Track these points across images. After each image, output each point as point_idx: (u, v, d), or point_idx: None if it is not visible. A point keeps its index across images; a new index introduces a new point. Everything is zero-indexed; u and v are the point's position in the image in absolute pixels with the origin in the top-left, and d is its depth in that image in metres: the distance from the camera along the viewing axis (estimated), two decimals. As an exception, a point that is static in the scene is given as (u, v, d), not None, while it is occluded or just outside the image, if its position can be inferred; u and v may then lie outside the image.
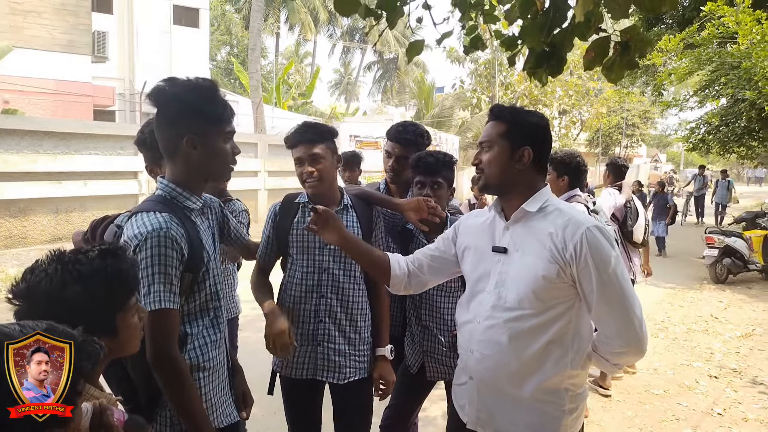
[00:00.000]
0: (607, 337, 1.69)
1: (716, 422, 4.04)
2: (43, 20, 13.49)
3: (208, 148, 1.66)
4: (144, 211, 1.62)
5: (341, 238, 1.96)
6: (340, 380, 2.28)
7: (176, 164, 1.69)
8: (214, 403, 1.76)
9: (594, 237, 1.62)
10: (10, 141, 9.06)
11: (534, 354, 1.67)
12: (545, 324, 1.66)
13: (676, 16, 12.53)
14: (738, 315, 7.05)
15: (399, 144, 2.66)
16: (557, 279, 1.63)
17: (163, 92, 1.63)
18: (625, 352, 1.70)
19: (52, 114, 13.21)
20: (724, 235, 8.86)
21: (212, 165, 1.70)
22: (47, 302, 1.16)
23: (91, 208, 9.95)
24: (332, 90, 48.62)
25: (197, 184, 1.74)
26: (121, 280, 1.27)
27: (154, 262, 1.54)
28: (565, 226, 1.64)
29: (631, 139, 36.71)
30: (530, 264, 1.67)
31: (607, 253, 1.62)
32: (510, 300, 1.69)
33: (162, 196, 1.69)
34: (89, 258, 1.24)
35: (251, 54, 19.27)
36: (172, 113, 1.64)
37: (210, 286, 1.73)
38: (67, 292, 1.18)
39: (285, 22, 36.83)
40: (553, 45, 1.99)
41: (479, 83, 21.31)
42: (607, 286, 1.61)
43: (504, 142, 1.72)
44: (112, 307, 1.26)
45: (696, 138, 12.59)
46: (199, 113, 1.63)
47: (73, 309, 1.17)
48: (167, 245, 1.56)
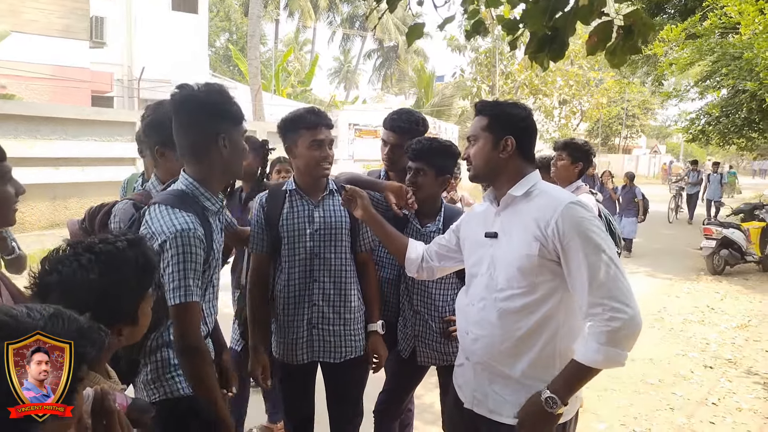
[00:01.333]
0: (593, 306, 1.63)
1: (710, 412, 4.06)
2: (40, 4, 13.36)
3: (233, 145, 1.78)
4: (166, 204, 1.70)
5: (367, 215, 2.19)
6: (337, 359, 2.33)
7: (203, 164, 1.77)
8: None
9: (574, 210, 1.67)
10: (7, 126, 9.01)
11: (524, 334, 1.72)
12: (534, 303, 1.72)
13: (678, 6, 12.47)
14: (734, 306, 7.08)
15: (393, 132, 2.63)
16: (539, 256, 1.69)
17: (188, 97, 1.73)
18: (616, 317, 1.59)
19: (50, 99, 13.13)
20: (722, 226, 8.87)
21: (236, 162, 1.82)
22: (81, 291, 1.19)
23: (89, 194, 9.92)
24: (332, 78, 48.43)
25: (218, 184, 1.84)
26: (147, 270, 1.32)
27: (186, 258, 1.64)
28: (546, 204, 1.71)
29: (630, 129, 36.69)
30: (516, 244, 1.75)
31: (588, 224, 1.66)
32: (500, 281, 1.77)
33: (183, 191, 1.77)
34: (119, 248, 1.28)
35: (250, 41, 19.12)
36: (200, 116, 1.73)
37: (207, 278, 1.82)
38: (103, 282, 1.22)
39: (284, 9, 36.64)
40: (555, 29, 1.97)
41: (480, 72, 21.20)
42: (591, 255, 1.62)
43: (487, 134, 1.83)
44: (137, 295, 1.30)
45: (696, 129, 12.59)
46: (226, 114, 1.76)
47: (105, 298, 1.21)
48: (196, 245, 1.66)
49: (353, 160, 15.51)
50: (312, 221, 2.29)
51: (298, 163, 2.28)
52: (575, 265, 1.64)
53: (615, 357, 1.61)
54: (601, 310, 1.61)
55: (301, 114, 2.25)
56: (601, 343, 1.60)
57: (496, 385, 1.81)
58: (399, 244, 2.22)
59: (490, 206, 1.91)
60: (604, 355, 1.60)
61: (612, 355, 1.60)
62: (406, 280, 2.51)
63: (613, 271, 1.61)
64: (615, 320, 1.59)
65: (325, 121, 2.25)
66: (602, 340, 1.60)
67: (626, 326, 1.59)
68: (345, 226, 2.33)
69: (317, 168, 2.25)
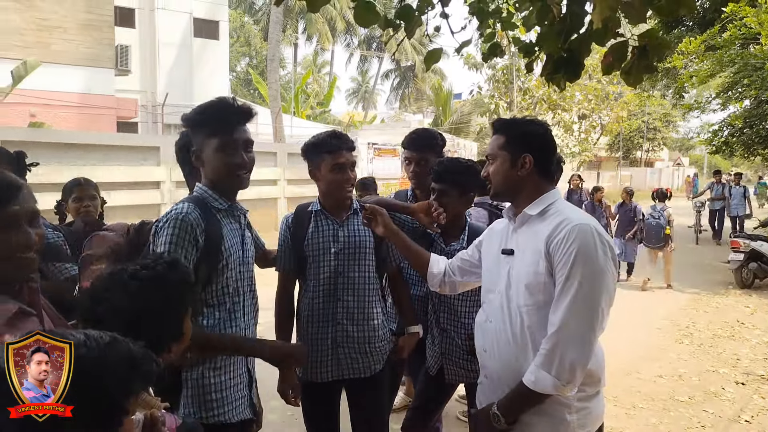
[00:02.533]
0: (551, 326, 1.64)
1: (743, 429, 3.96)
2: (68, 35, 13.82)
3: (208, 156, 1.87)
4: (176, 204, 1.84)
5: (388, 231, 2.22)
6: (363, 375, 2.37)
7: (203, 172, 1.92)
8: (226, 396, 1.87)
9: (583, 232, 1.65)
10: (37, 153, 9.15)
11: (536, 350, 1.71)
12: (544, 321, 1.70)
13: (696, 18, 12.40)
14: (765, 320, 6.90)
15: (416, 150, 2.78)
16: (545, 273, 1.69)
17: (186, 114, 1.88)
18: (558, 342, 1.61)
19: (77, 126, 13.48)
20: (750, 239, 8.69)
21: (218, 171, 1.88)
22: (132, 317, 1.24)
23: (114, 218, 9.95)
24: (350, 98, 48.90)
25: (223, 189, 1.91)
26: (187, 287, 1.41)
27: (167, 240, 1.72)
28: (558, 223, 1.71)
29: (652, 142, 36.26)
30: (527, 263, 1.75)
31: (591, 249, 1.63)
32: (514, 298, 1.78)
33: (195, 195, 1.90)
34: (161, 273, 1.35)
35: (270, 64, 19.48)
36: (186, 130, 1.93)
37: (227, 279, 1.87)
38: (151, 306, 1.29)
39: (303, 33, 37.20)
40: (570, 50, 2.00)
41: (497, 89, 21.22)
42: (574, 284, 1.61)
43: (504, 152, 1.84)
44: (181, 312, 1.38)
45: (719, 141, 12.41)
46: (204, 127, 1.85)
47: (154, 321, 1.28)
48: (182, 227, 1.74)
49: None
50: (336, 240, 2.33)
51: (322, 186, 2.35)
52: (558, 288, 1.65)
53: (543, 381, 1.62)
54: (546, 343, 1.64)
55: (322, 139, 2.31)
56: (536, 365, 1.65)
57: None
58: (422, 259, 2.25)
59: (509, 223, 1.92)
60: (535, 377, 1.64)
61: (541, 377, 1.63)
62: (434, 298, 2.54)
63: (590, 313, 1.62)
64: (556, 345, 1.61)
65: (346, 145, 2.30)
66: (538, 361, 1.65)
67: (563, 352, 1.60)
68: (369, 245, 2.37)
69: (340, 190, 2.31)
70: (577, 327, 1.61)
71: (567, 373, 1.61)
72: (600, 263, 1.63)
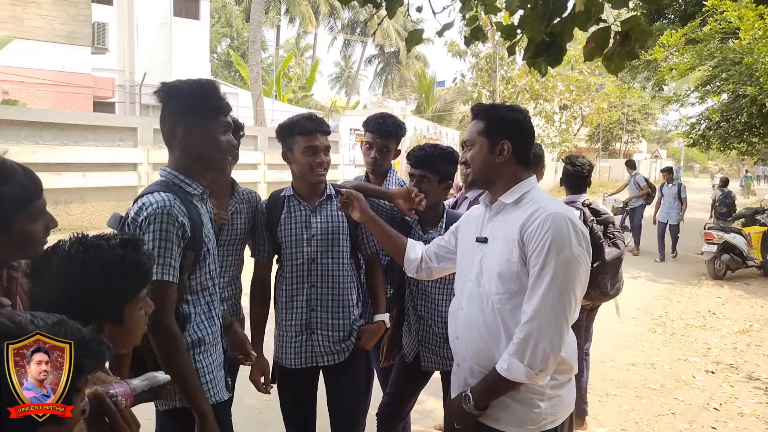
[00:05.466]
0: (524, 314, 1.64)
1: (712, 417, 4.05)
2: (42, 11, 13.42)
3: (201, 136, 1.77)
4: (148, 193, 1.74)
5: (365, 216, 2.19)
6: (339, 360, 2.35)
7: (175, 153, 1.81)
8: (210, 380, 1.85)
9: (558, 221, 1.64)
10: (10, 132, 9.03)
11: (508, 338, 1.71)
12: (516, 309, 1.70)
13: (678, 11, 12.50)
14: (736, 311, 7.06)
15: (381, 135, 2.72)
16: (518, 262, 1.68)
17: (167, 88, 1.77)
18: (531, 331, 1.61)
19: (53, 105, 13.16)
20: (723, 231, 8.86)
21: (207, 154, 1.81)
22: (65, 280, 1.21)
23: (90, 199, 9.93)
24: (333, 83, 48.53)
25: (195, 172, 1.83)
26: (136, 272, 1.31)
27: (156, 237, 1.65)
28: (533, 212, 1.69)
29: (631, 134, 36.65)
30: (499, 250, 1.74)
31: (566, 238, 1.62)
32: (486, 286, 1.77)
33: (164, 181, 1.80)
34: (110, 245, 1.28)
35: (251, 46, 19.18)
36: (174, 106, 1.77)
37: (209, 265, 1.85)
38: (85, 274, 1.22)
39: (285, 15, 36.73)
40: (552, 35, 1.98)
41: (480, 77, 21.17)
42: (548, 273, 1.61)
43: (483, 138, 1.81)
44: (123, 296, 1.30)
45: (696, 134, 12.57)
46: (198, 105, 1.76)
47: (88, 292, 1.22)
48: (170, 222, 1.67)
49: (354, 165, 15.51)
50: (309, 227, 2.31)
51: (294, 169, 2.32)
52: (534, 273, 1.64)
53: (516, 369, 1.63)
54: (519, 331, 1.64)
55: (297, 120, 2.28)
56: (509, 353, 1.65)
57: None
58: (398, 244, 2.22)
59: (485, 211, 1.90)
60: (508, 365, 1.64)
61: (514, 366, 1.63)
62: (411, 285, 2.53)
63: (562, 302, 1.61)
64: (529, 334, 1.61)
65: (321, 128, 2.27)
66: (511, 350, 1.65)
67: (537, 341, 1.60)
68: (343, 231, 2.34)
69: (311, 174, 2.27)
70: (550, 316, 1.61)
71: (540, 362, 1.61)
72: (574, 252, 1.63)
